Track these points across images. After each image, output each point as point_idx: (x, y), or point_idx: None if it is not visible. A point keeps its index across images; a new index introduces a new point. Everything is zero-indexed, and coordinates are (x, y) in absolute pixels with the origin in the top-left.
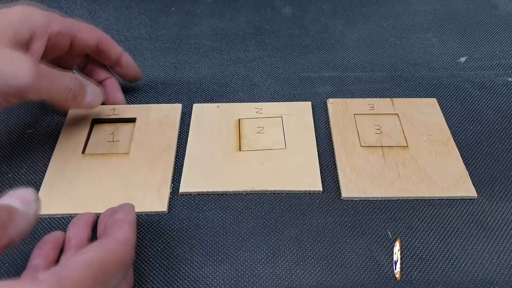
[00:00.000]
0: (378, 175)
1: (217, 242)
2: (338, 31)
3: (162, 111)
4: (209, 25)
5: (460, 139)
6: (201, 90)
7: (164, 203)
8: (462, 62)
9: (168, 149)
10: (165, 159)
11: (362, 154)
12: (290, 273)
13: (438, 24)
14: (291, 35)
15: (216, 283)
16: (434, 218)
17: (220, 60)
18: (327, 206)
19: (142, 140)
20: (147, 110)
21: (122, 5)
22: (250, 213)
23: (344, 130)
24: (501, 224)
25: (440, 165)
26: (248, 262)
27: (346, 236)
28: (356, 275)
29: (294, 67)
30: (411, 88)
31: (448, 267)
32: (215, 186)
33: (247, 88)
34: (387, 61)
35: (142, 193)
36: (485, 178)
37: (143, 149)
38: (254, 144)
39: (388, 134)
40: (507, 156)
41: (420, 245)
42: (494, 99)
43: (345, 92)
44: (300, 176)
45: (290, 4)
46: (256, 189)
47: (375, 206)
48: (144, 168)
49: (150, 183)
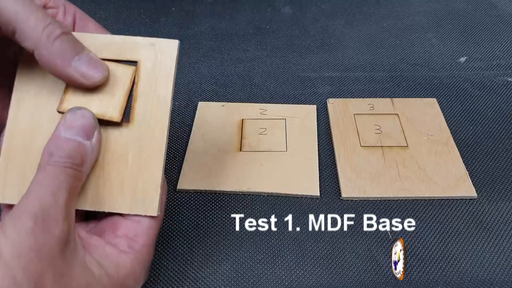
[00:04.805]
0: (378, 175)
1: (217, 242)
2: (338, 31)
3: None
4: (209, 25)
5: (460, 139)
6: (201, 90)
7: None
8: (462, 62)
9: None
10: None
11: (362, 154)
12: (290, 273)
13: (438, 24)
14: (291, 35)
15: (216, 283)
16: (434, 218)
17: (220, 60)
18: (327, 206)
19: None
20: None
21: (122, 5)
22: (250, 213)
23: (344, 130)
24: (501, 224)
25: (440, 165)
26: (248, 262)
27: (346, 236)
28: (356, 275)
29: (294, 67)
30: (411, 88)
31: (448, 267)
32: (212, 185)
33: (247, 88)
34: (387, 61)
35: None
36: (485, 178)
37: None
38: (255, 145)
39: (388, 134)
40: (507, 156)
41: (420, 245)
42: (494, 99)
43: (345, 92)
44: (298, 180)
45: (290, 4)
46: (252, 190)
47: (375, 206)
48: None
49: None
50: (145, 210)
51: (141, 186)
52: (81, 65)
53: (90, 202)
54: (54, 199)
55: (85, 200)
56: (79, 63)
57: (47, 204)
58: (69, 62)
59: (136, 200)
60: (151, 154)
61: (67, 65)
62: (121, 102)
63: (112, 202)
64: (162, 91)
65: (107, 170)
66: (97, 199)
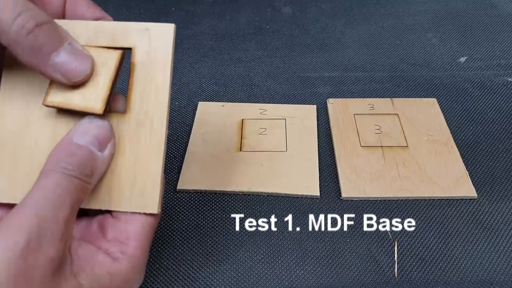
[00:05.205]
0: (378, 175)
1: (217, 242)
2: (338, 31)
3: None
4: (209, 25)
5: (460, 139)
6: (201, 90)
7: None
8: (462, 62)
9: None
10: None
11: (362, 154)
12: (290, 273)
13: (438, 24)
14: (291, 35)
15: (216, 283)
16: (434, 218)
17: (220, 60)
18: (327, 206)
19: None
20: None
21: (122, 5)
22: (250, 213)
23: (344, 130)
24: (501, 224)
25: (440, 165)
26: (248, 262)
27: (346, 236)
28: (356, 275)
29: (294, 67)
30: (411, 88)
31: (448, 267)
32: (212, 185)
33: (247, 88)
34: (387, 61)
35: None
36: (485, 178)
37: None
38: (255, 145)
39: (388, 134)
40: (507, 156)
41: (420, 245)
42: (494, 99)
43: (345, 92)
44: (298, 180)
45: (290, 4)
46: (253, 190)
47: (375, 206)
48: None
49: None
50: (144, 207)
51: (140, 181)
52: (61, 62)
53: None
54: (54, 214)
55: None
56: (58, 60)
57: (45, 219)
58: (46, 59)
59: (134, 195)
60: (150, 146)
61: (45, 63)
62: (104, 92)
63: (108, 198)
64: (160, 78)
65: None
66: (92, 196)
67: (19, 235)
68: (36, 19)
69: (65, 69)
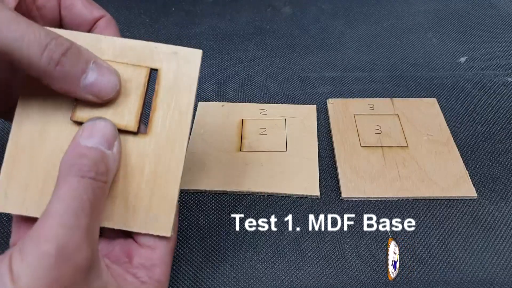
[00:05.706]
0: (378, 175)
1: (217, 242)
2: (338, 31)
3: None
4: (209, 25)
5: (460, 139)
6: (201, 90)
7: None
8: (462, 62)
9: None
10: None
11: (362, 154)
12: (290, 273)
13: (438, 24)
14: (291, 35)
15: (216, 283)
16: (434, 218)
17: (220, 60)
18: (327, 206)
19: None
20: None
21: (122, 5)
22: (250, 213)
23: (344, 130)
24: (501, 224)
25: (440, 165)
26: (248, 262)
27: (346, 236)
28: (356, 275)
29: (294, 67)
30: (411, 88)
31: (448, 267)
32: (212, 185)
33: (247, 88)
34: (387, 61)
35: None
36: (485, 178)
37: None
38: (255, 145)
39: (388, 134)
40: (507, 156)
41: (420, 245)
42: (494, 99)
43: (345, 92)
44: (298, 180)
45: (290, 4)
46: (253, 190)
47: (375, 206)
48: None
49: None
50: (158, 229)
51: (156, 203)
52: (89, 83)
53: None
54: (76, 220)
55: None
56: (87, 82)
57: (69, 227)
58: (77, 84)
59: (149, 217)
60: (169, 169)
61: (76, 88)
62: (136, 109)
63: (124, 218)
64: (184, 103)
65: (120, 183)
66: (108, 214)
67: (49, 245)
68: (61, 48)
69: (96, 90)
